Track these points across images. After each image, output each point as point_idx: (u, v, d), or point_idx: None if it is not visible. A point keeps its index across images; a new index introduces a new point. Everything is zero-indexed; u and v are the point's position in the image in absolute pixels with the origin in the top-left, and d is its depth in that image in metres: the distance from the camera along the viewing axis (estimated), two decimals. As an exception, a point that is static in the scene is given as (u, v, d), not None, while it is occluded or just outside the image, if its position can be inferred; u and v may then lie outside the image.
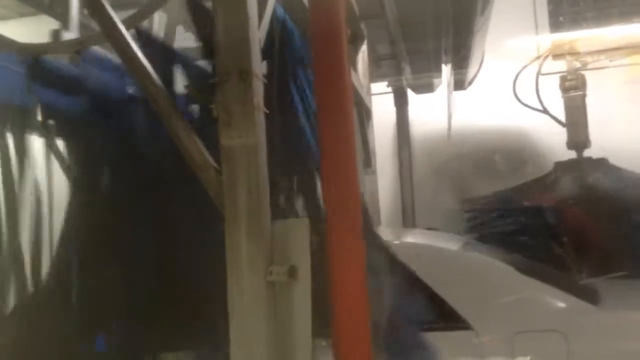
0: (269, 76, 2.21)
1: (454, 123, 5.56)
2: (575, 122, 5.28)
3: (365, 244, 2.00)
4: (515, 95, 5.53)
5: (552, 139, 5.55)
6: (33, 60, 2.29)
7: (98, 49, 2.40)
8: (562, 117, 5.42)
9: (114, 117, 2.40)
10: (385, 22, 4.37)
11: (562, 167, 5.23)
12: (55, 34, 2.53)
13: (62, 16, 2.83)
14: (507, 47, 5.61)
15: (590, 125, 5.30)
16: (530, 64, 5.55)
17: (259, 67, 2.04)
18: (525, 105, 5.49)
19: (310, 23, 2.09)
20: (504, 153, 5.90)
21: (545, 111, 5.42)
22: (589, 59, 5.39)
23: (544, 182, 5.19)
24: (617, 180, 4.74)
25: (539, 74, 5.46)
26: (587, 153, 5.32)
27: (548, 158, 5.54)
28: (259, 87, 2.01)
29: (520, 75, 5.57)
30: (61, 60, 2.44)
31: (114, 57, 2.32)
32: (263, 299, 1.91)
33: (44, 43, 2.45)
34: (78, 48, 2.28)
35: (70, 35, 2.63)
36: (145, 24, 2.36)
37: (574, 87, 5.24)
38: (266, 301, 1.91)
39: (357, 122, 4.34)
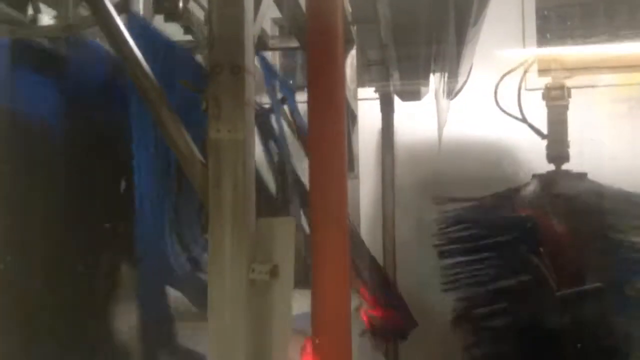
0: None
1: (438, 132, 5.59)
2: (558, 134, 5.25)
3: None
4: (497, 103, 5.52)
5: (533, 153, 5.60)
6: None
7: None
8: (542, 130, 5.42)
9: None
10: (377, 27, 4.37)
11: (540, 179, 5.23)
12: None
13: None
14: (494, 61, 5.64)
15: (574, 142, 5.32)
16: (515, 69, 5.54)
17: (252, 62, 2.02)
18: (506, 112, 5.49)
19: (307, 28, 2.08)
20: (486, 164, 5.93)
21: (524, 120, 5.40)
22: (573, 76, 5.41)
23: (520, 192, 5.18)
24: (597, 195, 4.75)
25: (521, 85, 5.45)
26: (566, 167, 5.35)
27: (527, 171, 5.57)
28: (250, 83, 1.99)
29: (505, 88, 5.58)
30: None
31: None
32: (243, 296, 1.89)
33: (33, 25, 2.40)
34: (68, 32, 2.23)
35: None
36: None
37: (559, 98, 5.22)
38: (246, 298, 1.89)
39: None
